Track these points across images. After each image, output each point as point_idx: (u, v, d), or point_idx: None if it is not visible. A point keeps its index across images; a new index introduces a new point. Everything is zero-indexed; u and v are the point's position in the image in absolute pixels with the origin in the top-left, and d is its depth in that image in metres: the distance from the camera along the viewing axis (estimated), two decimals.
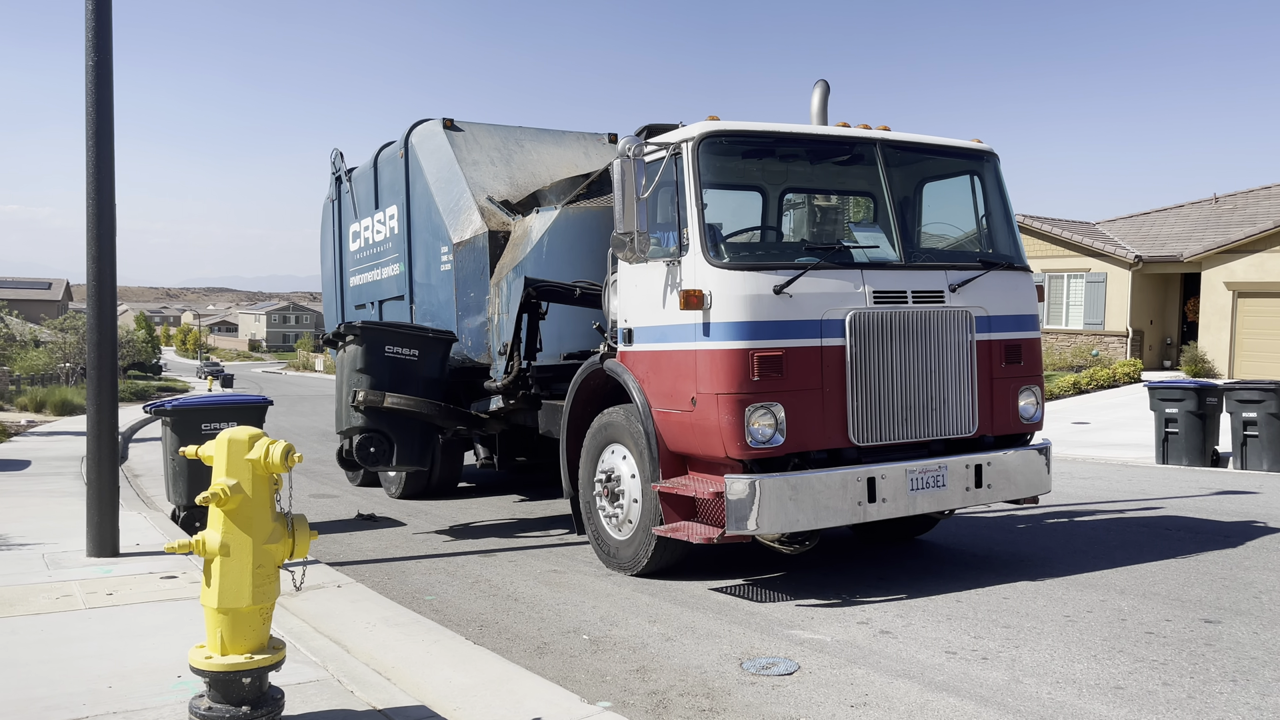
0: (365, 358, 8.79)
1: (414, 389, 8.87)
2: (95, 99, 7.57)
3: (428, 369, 9.03)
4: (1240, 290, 29.25)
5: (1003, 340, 7.47)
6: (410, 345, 8.94)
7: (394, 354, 8.80)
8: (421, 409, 8.80)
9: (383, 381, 8.72)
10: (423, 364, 8.99)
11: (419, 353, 8.95)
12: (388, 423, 8.80)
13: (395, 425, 8.85)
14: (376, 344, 8.81)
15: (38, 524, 9.29)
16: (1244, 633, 5.85)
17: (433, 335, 9.23)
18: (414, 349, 8.93)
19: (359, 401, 8.62)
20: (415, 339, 9.04)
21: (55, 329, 44.21)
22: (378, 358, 8.76)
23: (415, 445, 9.04)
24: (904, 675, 5.22)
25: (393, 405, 8.67)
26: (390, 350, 8.81)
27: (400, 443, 8.86)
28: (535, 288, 8.78)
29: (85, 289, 7.86)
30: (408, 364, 8.88)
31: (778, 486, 6.42)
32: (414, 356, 8.91)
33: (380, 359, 8.75)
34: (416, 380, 8.89)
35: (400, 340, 8.93)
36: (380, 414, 8.75)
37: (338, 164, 13.56)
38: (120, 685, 4.70)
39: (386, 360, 8.77)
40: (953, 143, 7.90)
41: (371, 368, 8.78)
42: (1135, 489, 11.87)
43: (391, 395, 8.67)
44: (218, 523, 3.96)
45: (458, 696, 4.71)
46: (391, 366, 8.79)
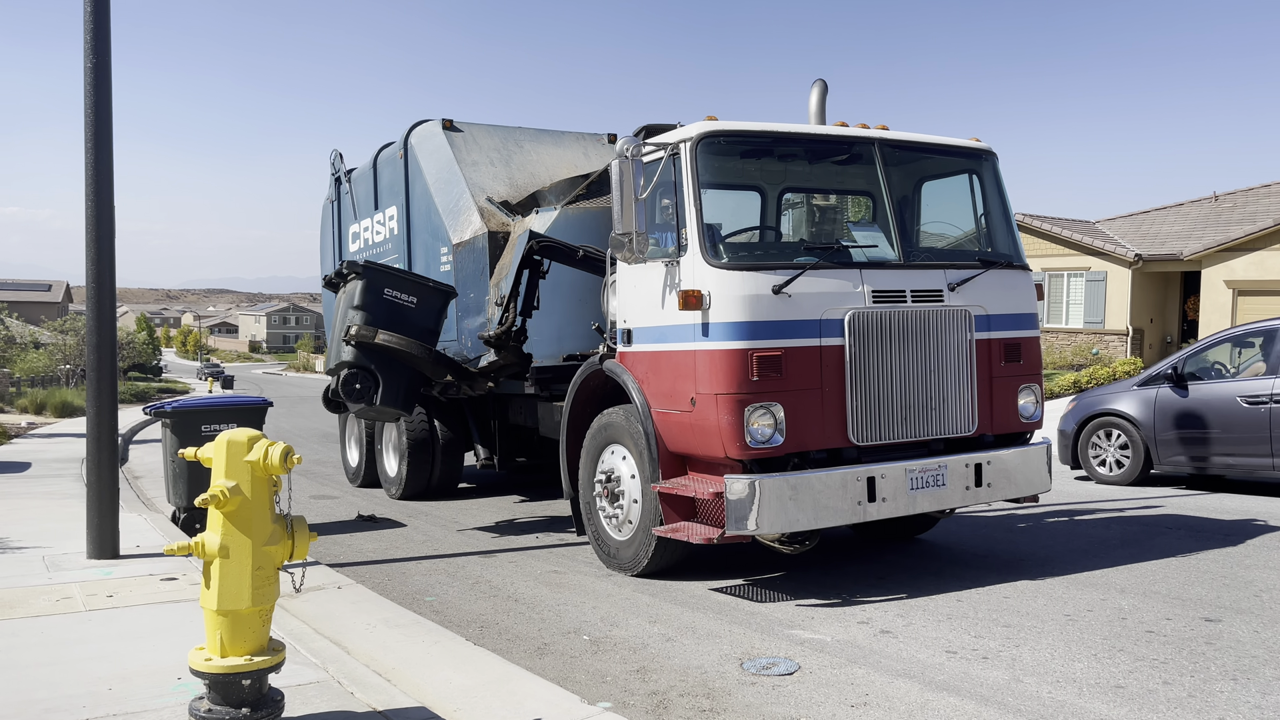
0: (363, 296, 8.74)
1: (408, 334, 8.82)
2: (94, 101, 7.57)
3: (423, 318, 8.95)
4: (1240, 288, 29.23)
5: (1002, 339, 7.46)
6: (409, 291, 8.88)
7: (392, 297, 8.75)
8: (412, 350, 8.74)
9: (377, 321, 8.66)
10: (419, 312, 8.91)
11: (417, 300, 8.89)
12: (376, 361, 8.73)
13: (383, 364, 8.77)
14: (376, 284, 8.74)
15: (38, 526, 9.29)
16: (1244, 631, 5.85)
17: (432, 285, 9.18)
18: (412, 296, 8.87)
19: (351, 335, 8.57)
20: (414, 285, 8.98)
21: (55, 331, 44.23)
22: (375, 298, 8.69)
23: (401, 388, 8.94)
24: (904, 675, 5.22)
25: (383, 342, 8.61)
26: (389, 293, 8.76)
27: (386, 383, 8.77)
28: (539, 242, 8.73)
29: (85, 291, 7.86)
30: (404, 309, 8.81)
31: (777, 486, 6.42)
32: (411, 303, 8.85)
33: (378, 299, 8.69)
34: (411, 326, 8.83)
35: (400, 285, 8.87)
36: (370, 351, 8.68)
37: (337, 165, 13.57)
38: (120, 687, 4.70)
39: (384, 302, 8.71)
40: (951, 141, 7.89)
41: (368, 306, 8.72)
42: (1135, 488, 11.87)
43: (384, 332, 8.62)
44: (217, 525, 3.96)
45: (458, 697, 4.71)
46: (388, 309, 8.72)
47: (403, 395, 8.98)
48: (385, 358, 8.71)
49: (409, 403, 9.16)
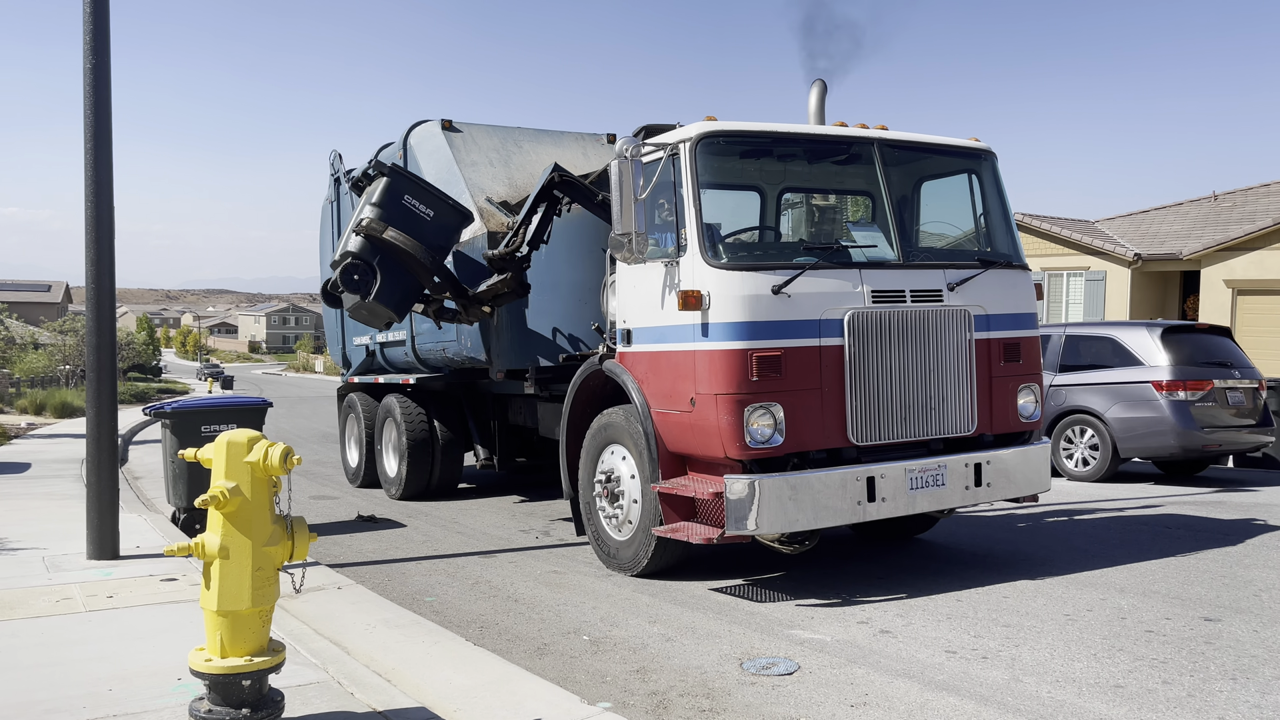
0: (383, 195, 8.81)
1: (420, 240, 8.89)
2: (94, 101, 7.57)
3: (435, 234, 9.00)
4: (1240, 288, 29.24)
5: (1001, 339, 7.47)
6: (428, 204, 8.94)
7: (410, 205, 8.83)
8: (417, 254, 8.79)
9: (391, 221, 8.75)
10: (433, 226, 8.97)
11: (433, 214, 8.95)
12: (380, 257, 8.78)
13: (385, 263, 8.81)
14: (398, 188, 8.82)
15: (38, 527, 9.29)
16: (1244, 631, 5.86)
17: (451, 203, 9.23)
18: (430, 209, 8.94)
19: (361, 225, 8.66)
20: (434, 199, 9.04)
21: (55, 331, 44.24)
22: (394, 201, 8.75)
23: (397, 291, 8.98)
24: (904, 675, 5.22)
25: (390, 239, 8.67)
26: (408, 200, 8.83)
27: (384, 281, 8.80)
28: (560, 175, 8.74)
29: (85, 291, 7.86)
30: (420, 219, 8.87)
31: (777, 486, 6.42)
32: (428, 215, 8.92)
33: (396, 203, 8.75)
34: (422, 238, 8.90)
35: (421, 195, 8.94)
36: (376, 246, 8.74)
37: (336, 165, 13.56)
38: (120, 688, 4.71)
39: (401, 207, 8.78)
40: (950, 141, 7.90)
41: (385, 207, 8.79)
42: (1135, 488, 11.88)
43: (393, 229, 8.69)
44: (217, 525, 3.96)
45: (458, 698, 4.71)
46: (404, 214, 8.78)
47: (398, 298, 9.04)
48: (389, 257, 8.78)
49: (402, 308, 9.20)
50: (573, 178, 8.78)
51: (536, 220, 8.89)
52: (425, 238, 8.90)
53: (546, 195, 8.81)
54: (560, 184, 8.73)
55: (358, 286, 8.78)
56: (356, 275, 8.75)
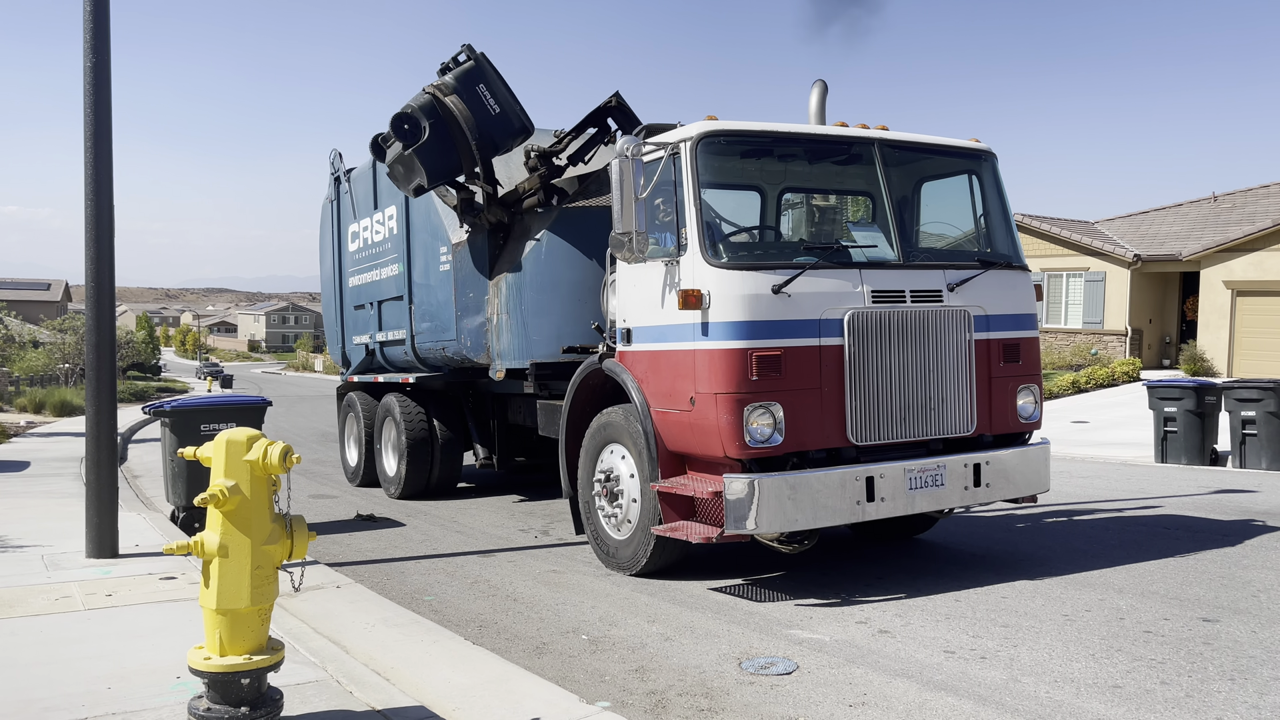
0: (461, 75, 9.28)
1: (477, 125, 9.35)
2: (94, 100, 7.57)
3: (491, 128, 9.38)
4: (1239, 289, 29.26)
5: (1001, 339, 7.47)
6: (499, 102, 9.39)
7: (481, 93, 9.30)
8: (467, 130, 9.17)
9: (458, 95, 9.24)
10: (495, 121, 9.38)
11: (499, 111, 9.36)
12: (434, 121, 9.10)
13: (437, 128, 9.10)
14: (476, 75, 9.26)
15: (37, 525, 9.29)
16: (1242, 631, 5.86)
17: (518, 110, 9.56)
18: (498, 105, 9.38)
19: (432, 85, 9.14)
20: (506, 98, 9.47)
21: (54, 330, 44.21)
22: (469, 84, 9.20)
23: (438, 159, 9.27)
24: (902, 675, 5.22)
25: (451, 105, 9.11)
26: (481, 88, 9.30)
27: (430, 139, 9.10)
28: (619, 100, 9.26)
29: (84, 290, 7.86)
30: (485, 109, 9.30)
31: (776, 486, 6.42)
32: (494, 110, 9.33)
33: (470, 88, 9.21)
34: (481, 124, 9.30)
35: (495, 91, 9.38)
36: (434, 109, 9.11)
37: (337, 165, 13.56)
38: (119, 686, 4.71)
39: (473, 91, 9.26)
40: (951, 142, 7.90)
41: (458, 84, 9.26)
42: (1134, 488, 11.88)
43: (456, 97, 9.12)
44: (216, 524, 3.96)
45: (457, 696, 4.71)
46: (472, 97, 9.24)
47: (435, 165, 9.32)
48: (442, 125, 9.09)
49: (434, 177, 9.44)
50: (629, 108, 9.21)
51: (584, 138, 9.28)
52: (482, 126, 9.24)
53: (599, 120, 9.24)
54: (615, 108, 9.18)
55: (405, 135, 9.07)
56: (407, 125, 9.06)
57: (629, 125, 9.06)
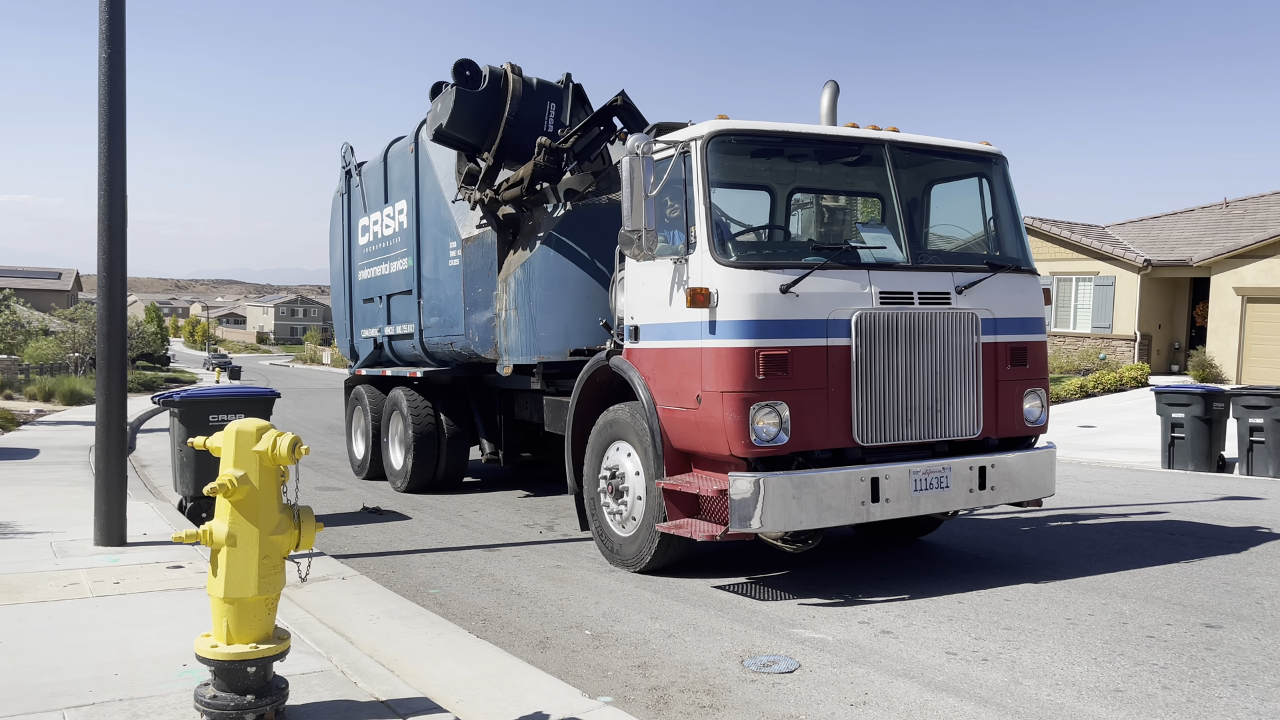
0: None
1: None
2: (108, 90, 7.61)
3: (533, 110, 10.07)
4: (1249, 295, 29.15)
5: (1008, 342, 7.47)
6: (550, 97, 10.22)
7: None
8: (513, 102, 9.87)
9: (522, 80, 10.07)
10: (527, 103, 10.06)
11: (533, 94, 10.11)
12: (489, 86, 9.81)
13: (489, 93, 9.81)
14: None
15: (46, 512, 9.35)
16: (1245, 638, 5.86)
17: (556, 83, 10.31)
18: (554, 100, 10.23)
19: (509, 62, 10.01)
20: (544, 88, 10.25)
21: (65, 319, 44.38)
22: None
23: (477, 115, 9.83)
24: (904, 675, 5.24)
25: (512, 81, 9.88)
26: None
27: (479, 97, 9.76)
28: (624, 100, 9.35)
29: (95, 279, 7.91)
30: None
31: (781, 485, 6.44)
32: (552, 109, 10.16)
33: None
34: (522, 113, 9.99)
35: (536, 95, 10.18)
36: (495, 77, 9.85)
37: (348, 158, 13.59)
38: (126, 673, 4.75)
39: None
40: (961, 145, 7.90)
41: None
42: (1140, 493, 11.87)
43: (517, 78, 9.91)
44: (225, 513, 3.99)
45: (460, 689, 4.74)
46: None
47: (464, 115, 9.81)
48: (496, 93, 9.85)
49: (454, 125, 9.85)
50: (635, 108, 9.38)
51: (590, 137, 9.45)
52: (522, 120, 9.85)
53: (605, 118, 9.41)
54: (621, 107, 9.34)
55: (462, 78, 9.81)
56: (469, 71, 9.87)
57: (635, 124, 9.10)
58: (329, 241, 14.64)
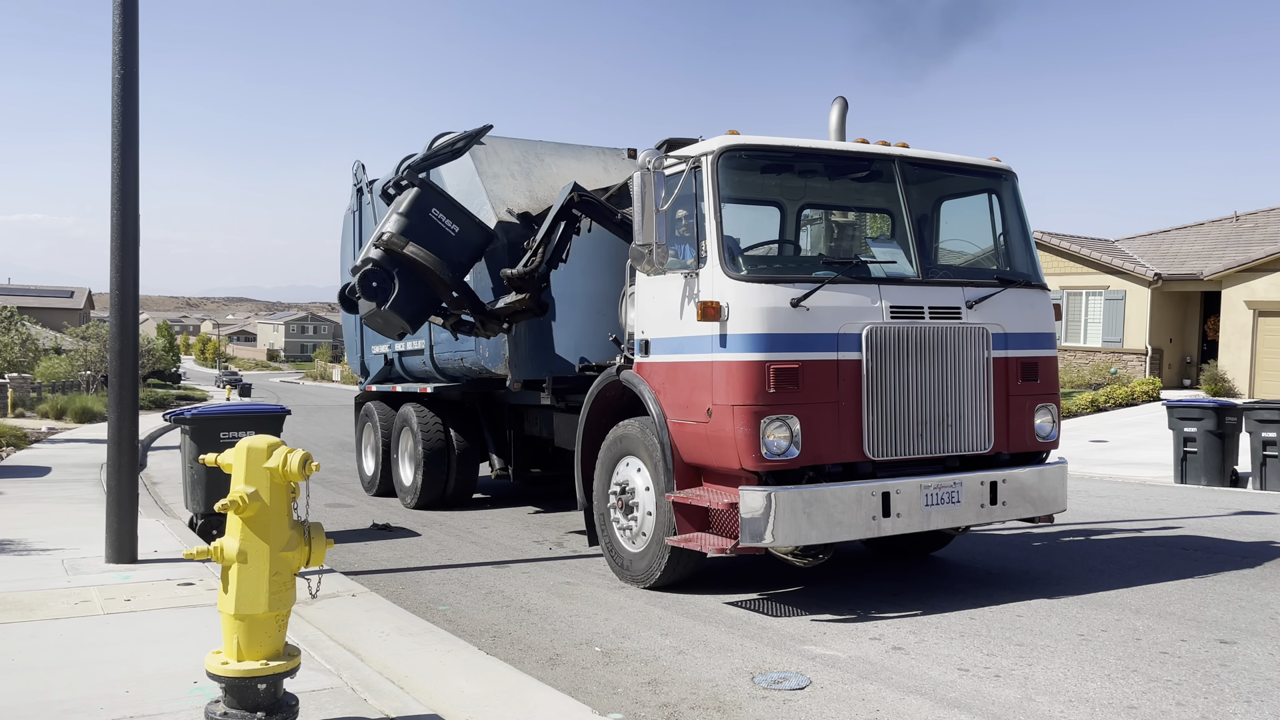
0: (410, 206, 8.87)
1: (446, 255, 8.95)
2: (121, 110, 7.67)
3: (459, 249, 9.06)
4: (1261, 309, 29.04)
5: (1019, 357, 7.46)
6: (455, 219, 9.00)
7: (436, 218, 8.88)
8: (437, 270, 8.83)
9: (414, 234, 8.76)
10: (457, 241, 9.02)
11: (459, 229, 9.01)
12: (399, 268, 8.83)
13: (404, 274, 8.83)
14: (426, 201, 8.87)
15: (57, 530, 9.37)
16: (1260, 654, 5.81)
17: (478, 222, 9.29)
18: (456, 224, 9.00)
19: (382, 239, 8.69)
20: (461, 215, 9.10)
21: (77, 337, 44.59)
22: (421, 213, 8.78)
23: (414, 302, 9.02)
24: (916, 692, 5.21)
25: (411, 254, 8.71)
26: (435, 214, 8.89)
27: (401, 291, 8.84)
28: (580, 195, 8.76)
29: (107, 298, 7.95)
30: (444, 233, 8.92)
31: (792, 499, 6.42)
32: (453, 230, 8.97)
33: (423, 216, 8.79)
34: (445, 253, 8.94)
35: (448, 210, 9.00)
36: (396, 258, 8.79)
37: (359, 175, 13.66)
38: (137, 690, 4.75)
39: (428, 220, 8.82)
40: (971, 161, 7.91)
41: (410, 217, 8.83)
42: (1153, 508, 11.80)
43: (414, 245, 8.72)
44: (236, 530, 4.00)
45: (470, 706, 4.73)
46: (429, 227, 8.83)
47: (413, 309, 9.08)
48: (408, 269, 8.83)
49: (417, 320, 9.25)
50: (592, 197, 8.80)
51: (557, 239, 8.92)
52: (448, 253, 8.95)
53: (565, 214, 8.83)
54: (579, 203, 8.76)
55: (375, 294, 8.84)
56: (375, 283, 8.82)
57: (595, 212, 8.91)
58: (340, 258, 14.69)
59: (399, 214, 8.84)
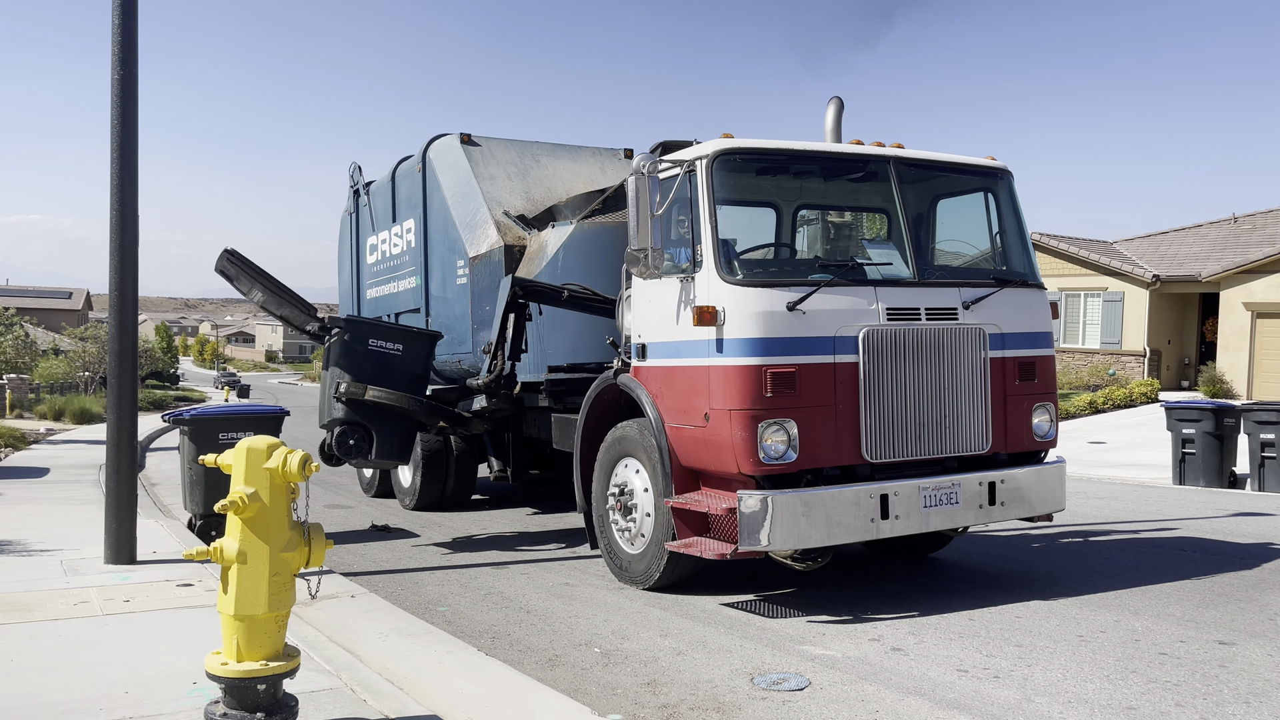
0: (350, 348, 8.79)
1: (396, 383, 8.82)
2: (120, 112, 7.68)
3: (410, 363, 8.98)
4: (1259, 311, 29.07)
5: (1016, 357, 7.47)
6: (394, 340, 8.92)
7: (377, 347, 8.76)
8: (402, 403, 8.78)
9: (364, 373, 8.66)
10: (405, 358, 8.94)
11: (403, 348, 8.91)
12: (368, 416, 8.77)
13: (376, 418, 8.79)
14: (361, 335, 8.77)
15: (56, 531, 9.38)
16: (1258, 655, 5.82)
17: (417, 332, 9.25)
18: (398, 344, 8.91)
19: (341, 393, 8.60)
20: (400, 334, 9.05)
21: (75, 338, 44.55)
22: (362, 349, 8.70)
23: (395, 440, 9.01)
24: (915, 693, 5.22)
25: (374, 398, 8.62)
26: (374, 343, 8.77)
27: (380, 436, 8.84)
28: (522, 286, 8.82)
29: (105, 299, 7.96)
30: (390, 357, 8.84)
31: (790, 503, 6.43)
32: (397, 351, 8.88)
33: (365, 350, 8.69)
34: (399, 374, 8.85)
35: (384, 334, 8.92)
36: (361, 406, 8.73)
37: (356, 177, 13.68)
38: (137, 691, 4.76)
39: (370, 352, 8.72)
40: (967, 160, 7.92)
41: (355, 357, 8.76)
42: (1151, 509, 11.82)
43: (373, 388, 8.61)
44: (235, 531, 4.01)
45: (469, 706, 4.74)
46: (375, 359, 8.74)
47: (398, 446, 9.08)
48: (377, 412, 8.75)
49: (404, 452, 9.28)
50: (533, 284, 8.94)
51: (511, 335, 8.98)
52: (402, 373, 8.87)
53: (512, 308, 8.91)
54: (524, 293, 8.87)
55: (356, 450, 8.84)
56: (352, 440, 8.81)
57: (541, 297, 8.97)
58: (337, 260, 14.72)
59: (342, 363, 8.76)
